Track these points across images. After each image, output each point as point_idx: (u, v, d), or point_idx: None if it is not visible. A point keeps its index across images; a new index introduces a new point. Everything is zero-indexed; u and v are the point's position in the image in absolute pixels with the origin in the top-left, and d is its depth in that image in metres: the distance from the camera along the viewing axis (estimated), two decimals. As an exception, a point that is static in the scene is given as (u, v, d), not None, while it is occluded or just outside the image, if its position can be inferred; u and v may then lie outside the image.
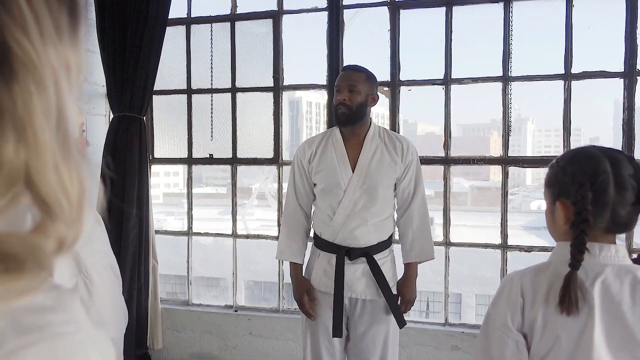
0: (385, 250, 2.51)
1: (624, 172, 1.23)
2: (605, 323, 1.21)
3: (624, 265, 1.25)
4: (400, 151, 2.47)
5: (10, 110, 0.37)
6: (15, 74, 0.38)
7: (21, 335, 0.38)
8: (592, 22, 3.64)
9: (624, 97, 3.07)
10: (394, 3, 3.38)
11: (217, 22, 3.80)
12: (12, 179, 0.38)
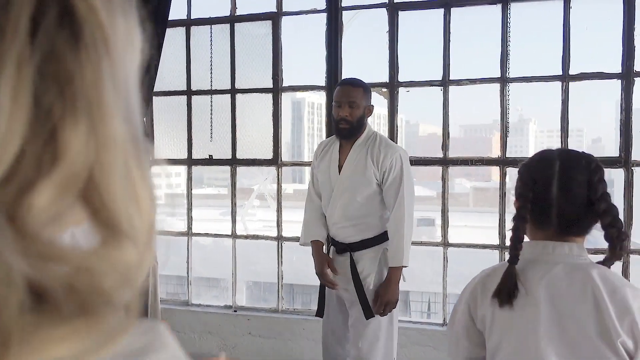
0: (371, 247, 2.59)
1: (573, 174, 1.27)
2: (552, 318, 1.24)
3: (577, 263, 1.27)
4: (377, 158, 2.55)
5: (78, 82, 0.27)
6: (83, 38, 0.27)
7: None
8: (589, 23, 3.68)
9: (622, 98, 3.08)
10: (392, 5, 3.40)
11: (216, 24, 3.82)
12: (74, 177, 0.27)
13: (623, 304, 1.21)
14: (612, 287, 1.23)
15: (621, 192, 3.13)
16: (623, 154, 3.09)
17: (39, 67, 0.26)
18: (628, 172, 3.09)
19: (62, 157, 0.27)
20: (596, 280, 1.23)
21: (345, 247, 2.62)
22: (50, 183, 0.26)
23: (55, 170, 0.27)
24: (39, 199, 0.26)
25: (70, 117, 0.27)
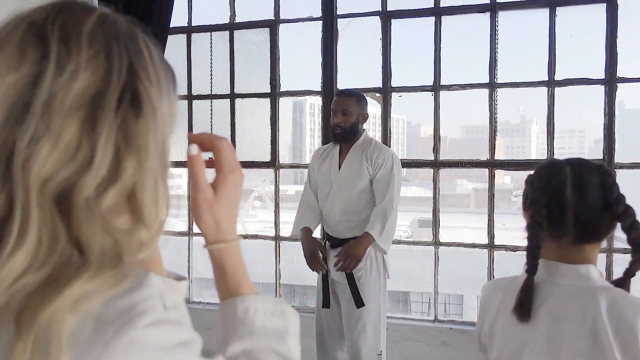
0: None
1: (586, 176, 1.19)
2: (545, 346, 1.18)
3: (585, 286, 1.18)
4: (371, 156, 2.76)
5: (134, 139, 0.50)
6: (140, 111, 0.51)
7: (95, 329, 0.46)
8: (574, 31, 3.80)
9: (605, 103, 3.20)
10: (385, 13, 3.53)
11: (216, 31, 3.95)
12: (124, 189, 0.50)
13: (629, 337, 1.10)
14: (620, 317, 1.12)
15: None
16: (606, 156, 3.21)
17: (118, 126, 0.49)
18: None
19: (121, 177, 0.49)
20: (601, 309, 1.13)
21: (340, 242, 2.79)
22: (113, 191, 0.50)
23: (116, 185, 0.50)
24: (107, 199, 0.49)
25: (129, 155, 0.50)
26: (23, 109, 0.48)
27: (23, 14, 0.51)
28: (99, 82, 0.50)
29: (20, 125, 0.47)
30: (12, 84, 0.48)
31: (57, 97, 0.48)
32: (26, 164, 0.46)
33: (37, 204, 0.47)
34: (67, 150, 0.48)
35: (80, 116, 0.49)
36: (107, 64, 0.51)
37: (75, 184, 0.48)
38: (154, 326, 0.48)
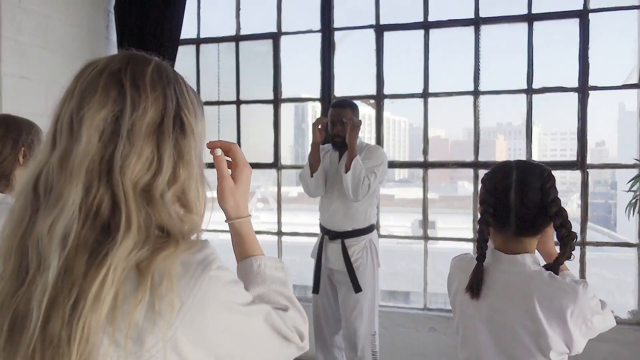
0: (360, 236, 3.04)
1: (528, 182, 1.39)
2: (489, 321, 1.42)
3: (522, 272, 1.40)
4: (364, 157, 3.02)
5: (183, 153, 0.76)
6: (185, 133, 0.77)
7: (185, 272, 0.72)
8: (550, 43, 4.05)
9: (578, 109, 3.51)
10: (378, 26, 3.84)
11: (223, 42, 4.27)
12: (179, 189, 0.76)
13: (558, 315, 1.32)
14: (549, 297, 1.34)
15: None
16: (580, 158, 3.52)
17: (173, 145, 0.76)
18: (584, 173, 3.52)
19: (177, 181, 0.75)
20: (534, 290, 1.36)
21: (338, 235, 3.07)
22: (172, 190, 0.75)
23: (175, 186, 0.75)
24: (169, 196, 0.74)
25: (181, 165, 0.75)
26: (113, 135, 0.72)
27: (100, 65, 0.77)
28: (160, 115, 0.75)
29: (113, 147, 0.71)
30: (103, 118, 0.72)
31: (136, 126, 0.73)
32: (122, 173, 0.70)
33: (133, 200, 0.70)
34: (146, 163, 0.72)
35: (152, 139, 0.74)
36: (164, 102, 0.76)
37: (151, 185, 0.72)
38: (220, 269, 0.75)
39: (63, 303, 0.66)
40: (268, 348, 0.83)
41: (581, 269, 3.58)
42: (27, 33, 3.47)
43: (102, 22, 4.22)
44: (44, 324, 0.66)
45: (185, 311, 0.70)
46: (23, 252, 0.70)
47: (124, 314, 0.67)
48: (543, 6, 3.57)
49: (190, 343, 0.71)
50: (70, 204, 0.68)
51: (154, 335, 0.68)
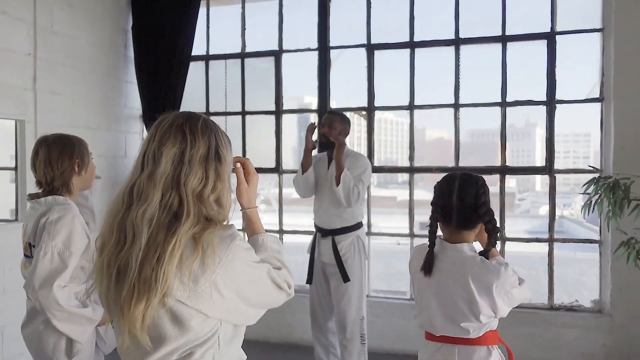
0: (348, 233, 3.44)
1: (466, 189, 1.82)
2: (438, 293, 1.85)
3: (461, 257, 1.82)
4: (349, 163, 3.42)
5: (219, 173, 1.21)
6: (221, 162, 1.22)
7: (216, 246, 1.15)
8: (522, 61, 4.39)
9: (546, 120, 3.94)
10: (369, 45, 4.28)
11: (230, 59, 4.72)
12: (217, 195, 1.21)
13: (486, 289, 1.75)
14: (481, 275, 1.77)
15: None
16: (548, 164, 3.95)
17: (214, 169, 1.23)
18: (551, 178, 3.95)
19: (216, 190, 1.23)
20: (468, 269, 1.78)
21: (329, 232, 3.48)
22: (213, 196, 1.23)
23: (214, 193, 1.23)
24: (211, 199, 1.23)
25: (219, 182, 1.24)
26: (179, 163, 1.17)
27: (170, 120, 1.22)
28: (207, 151, 1.21)
29: (180, 170, 1.17)
30: (174, 153, 1.18)
31: (193, 158, 1.19)
32: (185, 185, 1.17)
33: (191, 200, 1.16)
34: (199, 179, 1.18)
35: (202, 165, 1.20)
36: (208, 143, 1.22)
37: (202, 193, 1.18)
38: (240, 241, 1.20)
39: (151, 258, 1.11)
40: (267, 292, 1.28)
41: (549, 262, 4.01)
42: (57, 53, 3.91)
43: (121, 40, 4.67)
44: (139, 271, 1.11)
45: (222, 265, 1.16)
46: (121, 229, 1.16)
47: (186, 265, 1.12)
48: (515, 29, 3.99)
49: (224, 284, 1.16)
50: (154, 202, 1.14)
51: (203, 279, 1.14)
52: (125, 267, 1.13)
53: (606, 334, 3.83)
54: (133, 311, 1.10)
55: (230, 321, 1.23)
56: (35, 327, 2.10)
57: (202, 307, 1.15)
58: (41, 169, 2.18)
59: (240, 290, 1.20)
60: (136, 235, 1.13)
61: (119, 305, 1.14)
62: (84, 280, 2.16)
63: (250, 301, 1.24)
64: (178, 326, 1.15)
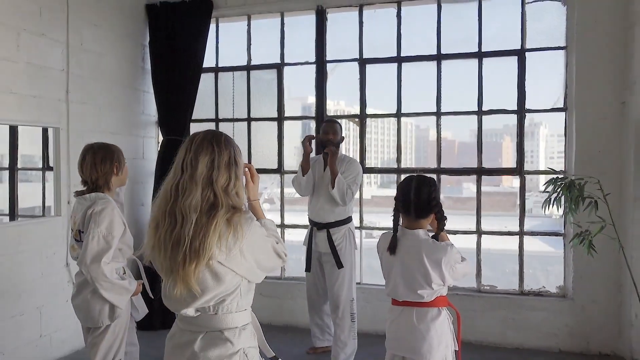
0: (341, 226, 3.96)
1: (421, 188, 2.34)
2: (401, 266, 2.35)
3: (418, 238, 2.35)
4: (342, 166, 3.95)
5: (237, 175, 1.71)
6: (237, 166, 1.71)
7: (239, 225, 1.64)
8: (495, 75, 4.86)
9: (517, 127, 4.45)
10: (361, 59, 4.80)
11: (237, 71, 5.24)
12: (236, 190, 1.70)
13: (436, 263, 2.28)
14: (432, 252, 2.30)
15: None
16: (518, 166, 4.45)
17: (234, 171, 1.71)
18: (522, 178, 4.46)
19: (236, 186, 1.71)
20: (423, 248, 2.31)
21: (324, 225, 4.00)
22: (234, 190, 1.71)
23: (235, 189, 1.71)
24: (234, 192, 1.71)
25: (236, 180, 1.71)
26: (211, 167, 1.64)
27: (201, 137, 1.72)
28: (229, 159, 1.68)
29: (212, 172, 1.64)
30: (207, 160, 1.64)
31: (221, 164, 1.67)
32: (216, 183, 1.64)
33: (222, 194, 1.64)
34: (225, 179, 1.65)
35: (226, 169, 1.67)
36: (229, 152, 1.69)
37: (227, 188, 1.65)
38: (257, 221, 1.72)
39: (198, 234, 1.61)
40: (271, 258, 1.79)
41: (520, 253, 4.52)
42: (86, 68, 4.45)
43: (139, 54, 5.20)
44: (190, 243, 1.60)
45: (246, 237, 1.66)
46: (171, 214, 1.65)
47: (223, 239, 1.63)
48: (490, 46, 4.50)
49: (247, 251, 1.67)
50: (197, 195, 1.63)
51: (235, 247, 1.64)
52: (178, 241, 1.62)
53: (569, 316, 4.33)
54: (187, 270, 1.59)
55: (247, 278, 1.72)
56: (84, 297, 2.64)
57: (233, 266, 1.65)
58: (87, 171, 2.71)
59: (256, 255, 1.71)
60: (185, 218, 1.62)
61: (174, 267, 1.63)
62: (120, 259, 2.69)
63: (261, 265, 1.74)
64: (216, 280, 1.64)
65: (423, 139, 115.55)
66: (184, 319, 1.73)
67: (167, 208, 1.66)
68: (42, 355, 4.05)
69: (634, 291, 3.70)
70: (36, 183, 4.77)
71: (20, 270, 3.85)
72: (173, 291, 1.64)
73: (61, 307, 4.17)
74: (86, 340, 2.74)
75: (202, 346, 1.68)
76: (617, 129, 4.15)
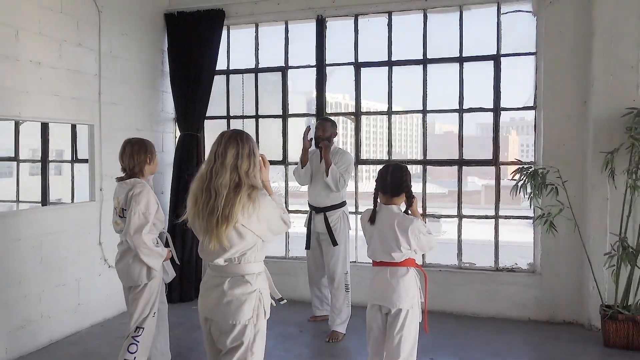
0: (336, 209, 4.57)
1: (395, 173, 2.92)
2: (379, 234, 2.91)
3: (393, 212, 2.90)
4: (336, 157, 4.54)
5: (255, 163, 2.30)
6: (255, 156, 2.30)
7: (256, 198, 2.24)
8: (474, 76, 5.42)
9: (493, 123, 5.04)
10: (357, 63, 5.40)
11: (246, 73, 5.86)
12: (254, 173, 2.29)
13: (404, 230, 2.82)
14: (402, 222, 2.84)
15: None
16: (494, 157, 5.05)
17: (252, 160, 2.32)
18: (497, 168, 5.05)
19: (254, 171, 2.33)
20: (395, 219, 2.86)
21: (321, 209, 4.61)
22: (252, 173, 2.32)
23: (253, 172, 2.33)
24: (252, 175, 2.32)
25: (254, 167, 2.32)
26: (237, 157, 2.22)
27: (228, 134, 2.32)
28: (249, 150, 2.26)
29: (237, 160, 2.22)
30: (234, 152, 2.22)
31: (243, 154, 2.26)
32: (240, 168, 2.23)
33: (245, 177, 2.22)
34: (247, 165, 2.25)
35: (247, 158, 2.25)
36: (249, 146, 2.28)
37: (248, 172, 2.24)
38: (269, 196, 2.32)
39: (227, 205, 2.21)
40: (279, 224, 2.39)
41: (495, 234, 5.12)
42: (115, 72, 5.09)
43: (159, 59, 5.83)
44: (222, 211, 2.20)
45: (261, 207, 2.26)
46: (207, 190, 2.26)
47: (245, 208, 2.23)
48: (470, 51, 5.09)
49: (262, 218, 2.28)
50: (226, 177, 2.23)
51: (253, 214, 2.25)
52: (212, 209, 2.22)
53: (537, 289, 4.94)
54: (220, 231, 2.20)
55: (262, 238, 2.33)
56: (126, 262, 3.27)
57: (252, 228, 2.26)
58: (126, 160, 3.34)
59: (268, 220, 2.32)
60: (217, 194, 2.22)
61: (210, 228, 2.23)
62: (154, 231, 3.32)
63: (271, 228, 2.35)
64: (240, 238, 2.25)
65: (429, 133, 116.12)
66: (215, 267, 2.35)
67: (204, 186, 2.27)
68: (80, 320, 4.71)
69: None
70: (61, 177, 5.40)
71: (62, 246, 4.50)
72: (209, 246, 2.26)
73: (95, 279, 4.84)
74: (127, 298, 3.38)
75: (229, 286, 2.30)
76: (579, 125, 4.74)
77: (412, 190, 2.99)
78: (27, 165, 4.96)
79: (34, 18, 4.19)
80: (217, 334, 2.35)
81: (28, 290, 4.16)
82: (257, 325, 2.35)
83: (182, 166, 5.66)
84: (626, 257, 4.11)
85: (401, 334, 2.90)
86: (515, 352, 4.25)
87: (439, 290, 5.09)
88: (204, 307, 2.39)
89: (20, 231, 4.11)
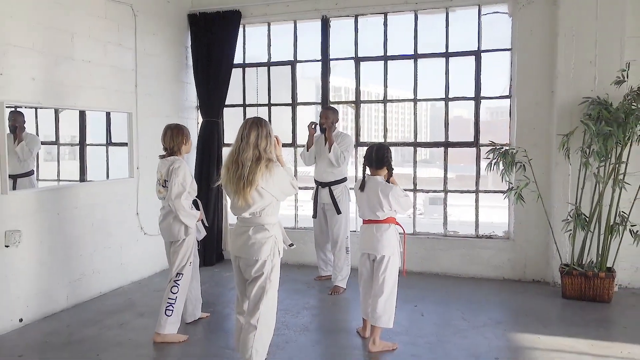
0: (339, 184, 5.39)
1: (379, 150, 3.74)
2: (367, 198, 3.75)
3: (376, 181, 3.72)
4: (337, 140, 5.34)
5: (271, 142, 3.09)
6: (271, 136, 3.10)
7: (272, 168, 3.04)
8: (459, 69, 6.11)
9: (474, 112, 5.81)
10: (357, 58, 6.18)
11: (260, 67, 6.66)
12: (271, 150, 3.10)
13: (386, 195, 3.64)
14: (384, 189, 3.66)
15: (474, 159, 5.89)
16: (475, 140, 5.83)
17: (270, 141, 3.16)
18: (477, 149, 5.84)
19: (271, 148, 3.17)
20: (379, 187, 3.68)
21: (326, 184, 5.42)
22: (269, 149, 3.13)
23: (270, 149, 3.15)
24: (269, 151, 3.14)
25: (271, 146, 3.17)
26: (258, 137, 3.02)
27: (251, 120, 3.13)
28: (266, 132, 3.04)
29: (257, 140, 3.03)
30: (255, 134, 3.05)
31: (262, 135, 3.04)
32: (260, 146, 3.00)
33: (263, 153, 2.99)
34: (265, 144, 3.06)
35: (265, 138, 3.04)
36: (266, 129, 3.08)
37: (266, 149, 3.03)
38: (282, 167, 3.13)
39: (251, 173, 3.02)
40: (289, 188, 3.19)
41: (476, 206, 5.92)
42: (148, 68, 5.91)
43: (183, 54, 6.64)
44: (247, 177, 3.02)
45: (275, 174, 3.07)
46: (235, 162, 3.07)
47: (264, 175, 3.05)
48: (454, 47, 5.85)
49: (276, 182, 3.09)
50: (250, 153, 3.04)
51: (270, 180, 3.06)
52: (240, 177, 3.02)
53: (510, 252, 5.75)
54: (245, 192, 3.00)
55: (276, 197, 3.12)
56: (168, 221, 4.12)
57: (270, 189, 3.05)
58: (167, 141, 4.16)
59: (280, 184, 3.10)
60: (243, 165, 3.01)
61: (239, 190, 3.02)
62: (189, 198, 4.16)
63: (283, 191, 3.14)
64: (261, 197, 3.05)
65: (438, 117, 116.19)
66: (242, 219, 3.18)
67: (233, 159, 3.08)
68: (122, 277, 5.60)
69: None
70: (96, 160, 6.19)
71: (108, 216, 5.37)
72: (237, 203, 3.08)
73: (134, 244, 5.73)
74: (168, 252, 4.23)
75: (253, 232, 3.13)
76: (547, 112, 5.50)
77: (392, 164, 3.82)
78: (67, 148, 5.78)
79: (84, 24, 5.01)
80: (244, 267, 3.20)
81: (84, 249, 5.05)
82: (274, 261, 3.19)
83: (204, 148, 6.47)
84: (579, 222, 4.90)
85: (384, 275, 3.74)
86: (489, 304, 5.07)
87: (427, 254, 5.92)
88: (234, 247, 3.23)
89: (79, 200, 4.99)
